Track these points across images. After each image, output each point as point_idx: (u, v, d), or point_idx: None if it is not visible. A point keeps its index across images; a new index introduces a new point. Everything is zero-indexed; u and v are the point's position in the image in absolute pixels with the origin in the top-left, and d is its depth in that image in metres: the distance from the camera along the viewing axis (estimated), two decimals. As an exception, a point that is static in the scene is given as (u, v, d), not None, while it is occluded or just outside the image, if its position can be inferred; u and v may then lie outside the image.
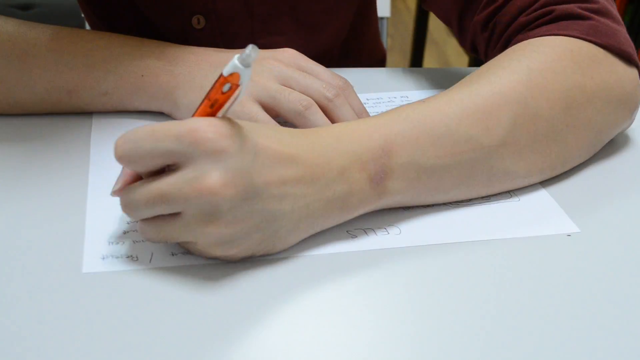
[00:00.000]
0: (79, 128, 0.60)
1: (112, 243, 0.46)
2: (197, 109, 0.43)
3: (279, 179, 0.43)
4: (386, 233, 0.48)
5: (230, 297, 0.42)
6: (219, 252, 0.44)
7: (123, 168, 0.45)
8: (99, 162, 0.55)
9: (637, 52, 0.74)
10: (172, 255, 0.45)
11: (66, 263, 0.45)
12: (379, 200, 0.48)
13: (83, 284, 0.43)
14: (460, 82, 0.52)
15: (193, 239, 0.43)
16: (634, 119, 0.58)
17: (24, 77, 0.59)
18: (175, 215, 0.42)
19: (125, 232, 0.47)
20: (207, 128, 0.41)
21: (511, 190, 0.53)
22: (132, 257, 0.45)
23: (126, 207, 0.44)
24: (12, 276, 0.44)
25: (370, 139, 0.46)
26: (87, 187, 0.52)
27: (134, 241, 0.46)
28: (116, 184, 0.45)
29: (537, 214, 0.50)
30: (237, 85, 0.41)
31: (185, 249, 0.46)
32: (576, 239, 0.48)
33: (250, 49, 0.40)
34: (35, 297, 0.42)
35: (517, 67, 0.51)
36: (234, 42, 0.71)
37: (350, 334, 0.40)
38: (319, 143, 0.46)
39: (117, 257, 0.45)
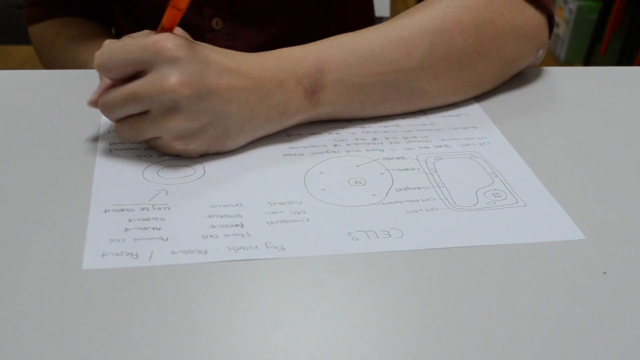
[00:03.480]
0: (85, 125, 0.60)
1: (113, 240, 0.46)
2: (157, 31, 0.53)
3: (226, 85, 0.52)
4: (388, 236, 0.48)
5: (229, 297, 0.42)
6: (180, 145, 0.53)
7: (100, 82, 0.55)
8: (104, 160, 0.55)
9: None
10: (172, 253, 0.45)
11: (66, 259, 0.44)
12: (313, 110, 0.58)
13: (83, 281, 0.43)
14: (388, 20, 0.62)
15: (159, 134, 0.53)
16: (540, 57, 0.68)
17: (63, 57, 0.81)
18: (144, 113, 0.52)
19: (126, 230, 0.47)
20: (167, 40, 0.51)
21: (517, 195, 0.53)
22: (132, 255, 0.45)
23: (104, 107, 0.53)
24: (11, 271, 0.43)
25: (306, 59, 0.56)
26: (91, 185, 0.52)
27: (134, 239, 0.46)
28: (93, 94, 0.54)
29: (542, 220, 0.50)
30: (182, 10, 0.52)
31: (152, 147, 0.55)
32: (581, 246, 0.48)
33: None
34: (34, 293, 0.42)
35: (437, 5, 0.61)
36: None
37: (350, 337, 0.40)
38: (262, 61, 0.55)
39: (117, 255, 0.45)
